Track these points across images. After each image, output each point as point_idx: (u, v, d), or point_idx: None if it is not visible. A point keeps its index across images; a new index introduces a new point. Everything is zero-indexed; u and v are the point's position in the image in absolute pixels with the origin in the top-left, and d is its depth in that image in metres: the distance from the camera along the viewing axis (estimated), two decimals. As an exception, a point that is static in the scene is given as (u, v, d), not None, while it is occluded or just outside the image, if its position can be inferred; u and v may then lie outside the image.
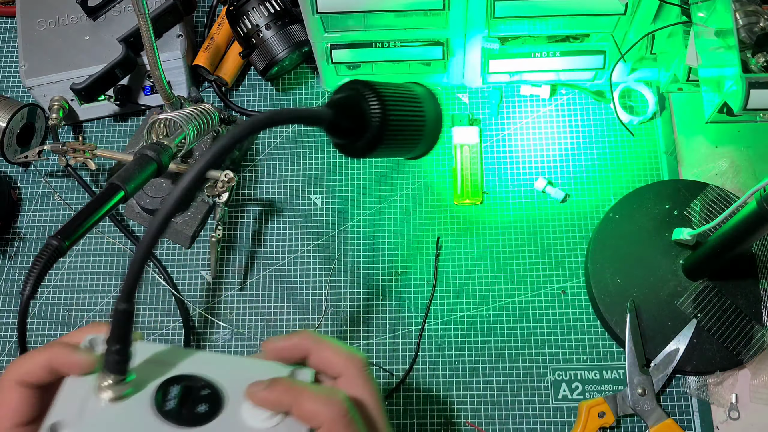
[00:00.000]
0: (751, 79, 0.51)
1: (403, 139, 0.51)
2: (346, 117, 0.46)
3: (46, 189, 0.77)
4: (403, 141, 0.51)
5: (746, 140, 0.73)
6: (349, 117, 0.46)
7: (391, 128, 0.48)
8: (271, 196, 0.75)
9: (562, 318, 0.69)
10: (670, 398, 0.65)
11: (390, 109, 0.47)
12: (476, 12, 0.65)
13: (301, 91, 0.79)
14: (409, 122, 0.51)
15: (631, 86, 0.76)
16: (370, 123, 0.46)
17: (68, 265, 0.73)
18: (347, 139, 0.48)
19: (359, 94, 0.47)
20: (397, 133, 0.50)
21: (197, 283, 0.72)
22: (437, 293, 0.70)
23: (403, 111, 0.50)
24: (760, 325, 0.65)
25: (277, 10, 0.74)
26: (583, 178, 0.73)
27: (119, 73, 0.72)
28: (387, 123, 0.47)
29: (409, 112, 0.51)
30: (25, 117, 0.76)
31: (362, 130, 0.47)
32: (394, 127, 0.48)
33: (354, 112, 0.46)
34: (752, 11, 0.54)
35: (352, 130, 0.47)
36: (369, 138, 0.47)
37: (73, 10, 0.75)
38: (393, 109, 0.48)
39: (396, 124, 0.49)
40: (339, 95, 0.47)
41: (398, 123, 0.49)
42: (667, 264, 0.67)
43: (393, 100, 0.49)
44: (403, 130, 0.50)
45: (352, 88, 0.47)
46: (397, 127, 0.49)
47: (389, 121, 0.47)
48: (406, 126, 0.50)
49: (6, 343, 0.71)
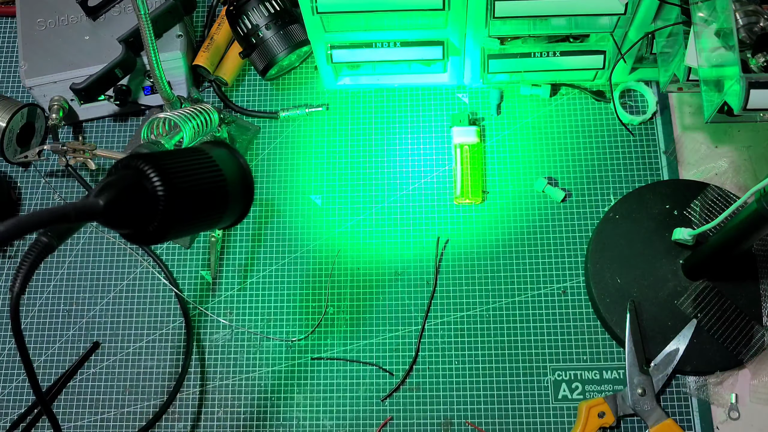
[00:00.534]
0: (751, 79, 0.51)
1: (202, 211, 0.44)
2: (125, 203, 0.39)
3: (46, 189, 0.77)
4: (203, 213, 0.44)
5: (746, 140, 0.73)
6: (130, 202, 0.39)
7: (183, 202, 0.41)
8: (271, 196, 0.75)
9: (562, 318, 0.69)
10: (670, 398, 0.65)
11: (178, 181, 0.41)
12: (476, 12, 0.65)
13: (301, 91, 0.79)
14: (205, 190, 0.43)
15: (631, 86, 0.76)
16: (157, 202, 0.39)
17: (68, 265, 0.73)
18: (133, 227, 0.41)
19: (137, 171, 0.40)
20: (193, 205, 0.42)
21: (197, 283, 0.72)
22: (437, 293, 0.70)
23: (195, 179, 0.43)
24: (760, 325, 0.65)
25: (277, 10, 0.74)
26: (583, 178, 0.73)
27: (119, 73, 0.72)
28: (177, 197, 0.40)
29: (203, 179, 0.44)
30: (25, 117, 0.76)
31: (150, 212, 0.40)
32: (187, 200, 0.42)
33: (135, 195, 0.39)
34: (752, 11, 0.54)
35: (137, 216, 0.40)
36: (159, 220, 0.40)
37: (73, 10, 0.75)
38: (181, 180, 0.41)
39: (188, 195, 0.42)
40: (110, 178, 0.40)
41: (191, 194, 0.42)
42: (667, 264, 0.67)
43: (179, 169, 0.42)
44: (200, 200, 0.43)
45: (127, 166, 0.41)
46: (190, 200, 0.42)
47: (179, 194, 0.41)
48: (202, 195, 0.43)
49: (7, 342, 0.71)
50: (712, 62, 0.56)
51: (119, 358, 0.70)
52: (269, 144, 0.77)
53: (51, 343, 0.71)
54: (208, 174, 0.44)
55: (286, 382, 0.68)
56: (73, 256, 0.74)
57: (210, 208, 0.44)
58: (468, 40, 0.69)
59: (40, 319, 0.72)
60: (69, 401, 0.69)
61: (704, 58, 0.57)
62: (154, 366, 0.70)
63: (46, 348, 0.71)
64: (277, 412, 0.67)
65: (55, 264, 0.73)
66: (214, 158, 0.45)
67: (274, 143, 0.77)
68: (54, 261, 0.74)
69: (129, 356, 0.70)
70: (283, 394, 0.67)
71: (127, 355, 0.70)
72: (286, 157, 0.76)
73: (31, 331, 0.71)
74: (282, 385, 0.68)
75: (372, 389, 0.67)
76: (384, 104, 0.78)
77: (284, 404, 0.67)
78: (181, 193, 0.41)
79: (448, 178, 0.74)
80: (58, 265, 0.73)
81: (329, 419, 0.66)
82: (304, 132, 0.77)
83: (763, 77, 0.51)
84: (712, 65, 0.56)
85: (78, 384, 0.69)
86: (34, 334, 0.71)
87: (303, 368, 0.68)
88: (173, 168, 0.41)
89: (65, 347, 0.71)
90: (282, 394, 0.67)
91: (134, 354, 0.70)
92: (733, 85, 0.52)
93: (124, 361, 0.70)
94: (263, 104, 0.79)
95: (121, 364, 0.70)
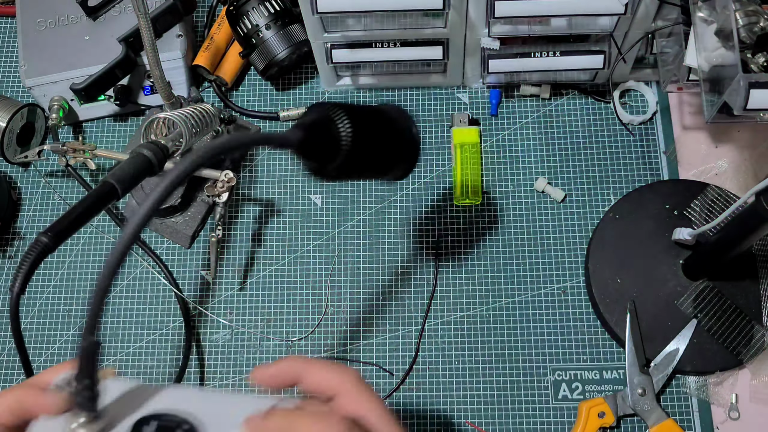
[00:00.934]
0: (751, 79, 0.51)
1: (376, 161, 0.49)
2: (316, 140, 0.44)
3: (46, 189, 0.77)
4: (376, 162, 0.49)
5: (746, 140, 0.73)
6: (319, 140, 0.44)
7: (362, 150, 0.46)
8: (271, 196, 0.75)
9: (562, 318, 0.69)
10: (670, 398, 0.65)
11: (361, 130, 0.46)
12: (476, 12, 0.65)
13: (301, 91, 0.79)
14: (381, 143, 0.49)
15: (631, 86, 0.76)
16: (341, 145, 0.45)
17: (68, 265, 0.73)
18: (318, 162, 0.45)
19: (328, 116, 0.45)
20: (370, 154, 0.48)
21: (197, 283, 0.72)
22: (437, 293, 0.70)
23: (375, 132, 0.48)
24: (760, 325, 0.65)
25: (277, 10, 0.74)
26: (583, 178, 0.73)
27: (119, 73, 0.72)
28: (358, 144, 0.45)
29: (381, 133, 0.49)
30: (25, 117, 0.76)
31: (333, 152, 0.45)
32: (366, 149, 0.47)
33: (324, 135, 0.45)
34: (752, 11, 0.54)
35: (323, 153, 0.45)
36: (340, 161, 0.45)
37: (73, 10, 0.75)
38: (364, 130, 0.46)
39: (368, 145, 0.47)
40: (308, 117, 0.45)
41: (370, 144, 0.47)
42: (667, 264, 0.67)
43: (364, 121, 0.47)
44: (376, 151, 0.48)
45: (321, 110, 0.46)
46: (369, 149, 0.47)
47: (360, 142, 0.46)
48: (378, 146, 0.49)
49: (7, 342, 0.71)
50: (712, 62, 0.56)
51: (119, 358, 0.70)
52: (269, 144, 0.77)
53: (51, 343, 0.71)
54: (385, 129, 0.50)
55: (286, 382, 0.68)
56: (73, 256, 0.74)
57: (382, 158, 0.50)
58: (468, 40, 0.69)
59: (40, 319, 0.72)
60: (69, 401, 0.69)
61: (704, 58, 0.57)
62: (154, 366, 0.70)
63: (46, 348, 0.71)
64: (277, 412, 0.67)
65: (55, 264, 0.73)
66: (392, 116, 0.50)
67: (274, 143, 0.77)
68: (54, 261, 0.74)
69: (129, 356, 0.70)
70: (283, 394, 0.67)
71: (127, 355, 0.70)
72: (287, 157, 0.76)
73: (31, 331, 0.71)
74: (282, 385, 0.67)
75: (372, 389, 0.67)
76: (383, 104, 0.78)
77: (284, 404, 0.67)
78: (362, 141, 0.46)
79: (447, 178, 0.74)
80: (58, 265, 0.73)
81: (329, 419, 0.66)
82: (304, 132, 0.77)
83: (763, 77, 0.51)
84: (712, 65, 0.56)
85: (78, 384, 0.69)
86: (34, 334, 0.71)
87: (303, 368, 0.68)
88: (358, 117, 0.46)
89: (65, 347, 0.71)
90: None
91: (134, 354, 0.70)
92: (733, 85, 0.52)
93: (124, 361, 0.70)
94: (263, 104, 0.79)
95: (121, 364, 0.70)
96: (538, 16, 0.63)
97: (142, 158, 0.55)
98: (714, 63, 0.56)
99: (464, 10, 0.65)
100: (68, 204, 0.75)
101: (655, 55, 0.71)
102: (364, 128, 0.46)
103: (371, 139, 0.48)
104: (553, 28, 0.66)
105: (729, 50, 0.54)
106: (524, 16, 0.63)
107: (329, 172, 0.46)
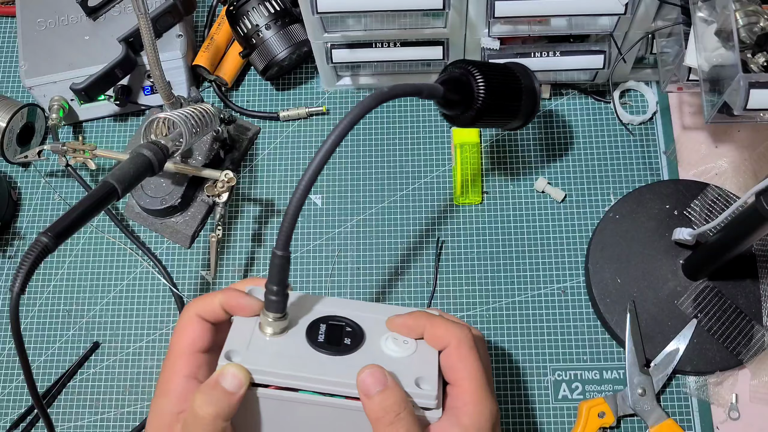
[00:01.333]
0: (751, 79, 0.51)
1: (503, 112, 0.60)
2: (456, 93, 0.55)
3: (46, 189, 0.77)
4: (503, 114, 0.60)
5: (746, 140, 0.73)
6: (458, 92, 0.55)
7: (494, 103, 0.57)
8: (271, 196, 0.75)
9: (562, 318, 0.69)
10: (670, 398, 0.65)
11: (494, 85, 0.56)
12: (476, 12, 0.65)
13: (301, 91, 0.79)
14: (509, 97, 0.59)
15: (631, 86, 0.76)
16: (477, 98, 0.56)
17: (68, 265, 0.73)
18: (455, 111, 0.57)
19: (468, 72, 0.56)
20: (499, 106, 0.58)
21: (197, 283, 0.72)
22: (437, 293, 0.70)
23: (504, 88, 0.58)
24: (760, 325, 0.65)
25: (277, 10, 0.74)
26: (583, 178, 0.73)
27: (119, 73, 0.72)
28: (491, 98, 0.56)
29: (509, 89, 0.59)
30: (25, 117, 0.76)
31: (469, 104, 0.56)
32: (497, 102, 0.57)
33: (463, 88, 0.56)
34: (752, 11, 0.54)
35: (460, 104, 0.56)
36: (475, 111, 0.56)
37: (73, 10, 0.75)
38: (496, 86, 0.56)
39: (498, 99, 0.57)
40: (449, 73, 0.56)
41: (500, 98, 0.57)
42: (667, 264, 0.67)
43: (496, 78, 0.57)
44: (504, 104, 0.59)
45: (460, 67, 0.57)
46: (499, 102, 0.57)
47: (493, 96, 0.56)
48: (506, 100, 0.59)
49: (7, 342, 0.71)
50: (712, 62, 0.56)
51: (119, 358, 0.70)
52: (269, 144, 0.77)
53: (51, 343, 0.71)
54: (513, 84, 0.60)
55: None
56: (73, 256, 0.74)
57: (510, 108, 0.60)
58: (468, 40, 0.69)
59: (40, 319, 0.72)
60: (69, 401, 0.69)
61: (704, 58, 0.57)
62: (154, 366, 0.70)
63: (46, 348, 0.71)
64: (277, 412, 0.67)
65: (55, 264, 0.73)
66: (517, 73, 0.61)
67: (274, 143, 0.77)
68: (54, 261, 0.74)
69: (129, 356, 0.70)
70: (283, 394, 0.67)
71: (127, 355, 0.70)
72: (286, 157, 0.76)
73: (31, 331, 0.71)
74: (282, 385, 0.67)
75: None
76: (384, 104, 0.77)
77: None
78: (493, 93, 0.57)
79: (447, 178, 0.74)
80: (58, 265, 0.73)
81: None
82: (304, 132, 0.77)
83: (763, 77, 0.51)
84: (712, 65, 0.56)
85: (78, 384, 0.69)
86: (34, 334, 0.71)
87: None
88: (492, 75, 0.57)
89: (65, 347, 0.71)
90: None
91: (134, 354, 0.70)
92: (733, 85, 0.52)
93: (124, 361, 0.70)
94: (263, 104, 0.79)
95: (121, 364, 0.70)
96: (538, 16, 0.63)
97: (142, 158, 0.55)
98: (714, 63, 0.56)
99: (464, 10, 0.65)
100: (68, 204, 0.75)
101: (655, 55, 0.71)
102: (496, 83, 0.56)
103: (501, 93, 0.58)
104: (553, 28, 0.66)
105: (729, 50, 0.54)
106: (524, 16, 0.63)
107: (464, 119, 0.57)
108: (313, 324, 0.47)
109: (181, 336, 0.48)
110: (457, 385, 0.46)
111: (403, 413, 0.43)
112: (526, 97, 0.60)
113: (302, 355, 0.45)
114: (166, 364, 0.49)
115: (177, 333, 0.49)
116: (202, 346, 0.48)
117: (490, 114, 0.57)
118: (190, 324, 0.48)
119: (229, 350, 0.45)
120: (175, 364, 0.48)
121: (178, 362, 0.48)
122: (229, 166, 0.74)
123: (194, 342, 0.48)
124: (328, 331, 0.47)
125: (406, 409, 0.43)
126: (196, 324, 0.48)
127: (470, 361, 0.46)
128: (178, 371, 0.47)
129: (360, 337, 0.47)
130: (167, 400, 0.46)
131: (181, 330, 0.48)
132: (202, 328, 0.48)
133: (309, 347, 0.46)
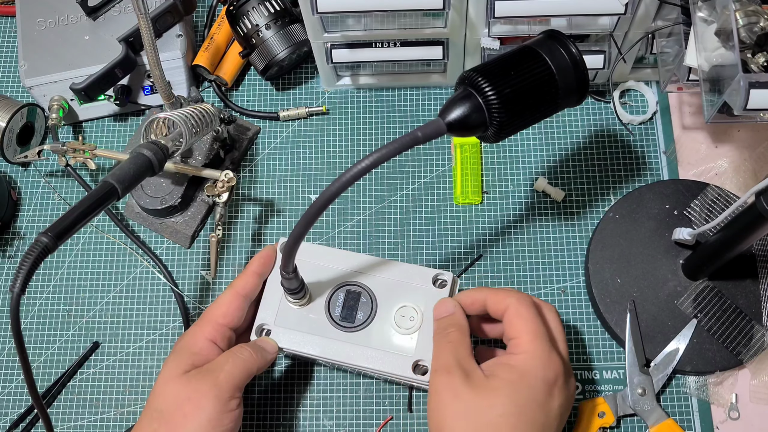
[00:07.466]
0: (751, 79, 0.51)
1: (537, 108, 0.49)
2: (465, 117, 0.46)
3: (46, 189, 0.77)
4: (538, 109, 0.49)
5: (746, 140, 0.73)
6: (469, 115, 0.46)
7: (516, 108, 0.47)
8: (271, 196, 0.75)
9: (562, 318, 0.69)
10: (670, 398, 0.65)
11: (508, 91, 0.46)
12: (476, 12, 0.65)
13: (301, 91, 0.79)
14: (534, 91, 0.48)
15: (631, 86, 0.76)
16: (492, 111, 0.46)
17: (68, 265, 0.73)
18: (476, 133, 0.48)
19: (473, 86, 0.47)
20: (526, 106, 0.48)
21: (197, 283, 0.72)
22: (437, 293, 0.70)
23: (522, 82, 0.47)
24: (760, 325, 0.65)
25: (277, 10, 0.74)
26: (583, 178, 0.73)
27: (119, 72, 0.72)
28: (509, 105, 0.46)
29: (532, 83, 0.48)
30: (24, 117, 0.76)
31: (486, 120, 0.47)
32: (519, 105, 0.47)
33: (473, 109, 0.46)
34: (752, 11, 0.54)
35: (477, 125, 0.47)
36: (497, 127, 0.47)
37: (73, 10, 0.75)
38: (512, 89, 0.46)
39: (519, 101, 0.47)
40: (455, 96, 0.47)
41: (522, 98, 0.47)
42: (667, 264, 0.67)
43: (509, 79, 0.47)
44: (530, 102, 0.48)
45: (461, 80, 0.48)
46: (523, 102, 0.47)
47: (510, 102, 0.46)
48: (531, 97, 0.48)
49: (6, 342, 0.71)
50: (712, 62, 0.56)
51: (119, 358, 0.70)
52: (269, 144, 0.77)
53: (51, 343, 0.71)
54: (536, 75, 0.48)
55: (286, 382, 0.68)
56: (73, 256, 0.74)
57: (544, 99, 0.49)
58: (468, 40, 0.69)
59: (40, 319, 0.72)
60: (69, 401, 0.69)
61: (704, 58, 0.57)
62: (154, 366, 0.70)
63: (46, 348, 0.71)
64: (277, 412, 0.67)
65: (55, 264, 0.73)
66: (543, 55, 0.48)
67: (274, 143, 0.77)
68: (54, 261, 0.74)
69: (129, 356, 0.70)
70: (283, 394, 0.67)
71: (127, 355, 0.70)
72: (286, 157, 0.76)
73: (31, 330, 0.71)
74: (282, 385, 0.68)
75: (372, 389, 0.67)
76: (384, 104, 0.78)
77: (284, 404, 0.67)
78: (512, 101, 0.46)
79: (447, 178, 0.74)
80: (58, 265, 0.73)
81: (329, 419, 0.66)
82: (304, 132, 0.77)
83: (763, 77, 0.51)
84: (712, 65, 0.56)
85: (78, 384, 0.69)
86: (34, 334, 0.71)
87: (303, 368, 0.68)
88: (504, 79, 0.46)
89: (65, 347, 0.71)
90: (282, 394, 0.67)
91: (134, 354, 0.70)
92: (733, 85, 0.52)
93: (124, 361, 0.70)
94: (263, 104, 0.79)
95: (121, 364, 0.70)
96: (538, 16, 0.63)
97: (142, 158, 0.55)
98: (714, 63, 0.56)
99: (464, 10, 0.65)
100: (68, 204, 0.75)
101: (655, 55, 0.71)
102: (512, 85, 0.46)
103: (521, 91, 0.47)
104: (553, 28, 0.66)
105: (729, 50, 0.54)
106: (524, 16, 0.63)
107: (491, 138, 0.48)
108: (332, 293, 0.59)
109: (218, 306, 0.57)
110: (516, 338, 0.52)
111: (452, 329, 0.55)
112: (562, 76, 0.48)
113: (321, 329, 0.58)
114: (193, 328, 0.56)
115: (214, 304, 0.58)
116: (231, 320, 0.56)
117: (520, 118, 0.48)
118: (228, 298, 0.57)
119: (261, 324, 0.59)
120: (203, 328, 0.56)
121: (207, 327, 0.56)
122: (229, 166, 0.74)
123: (226, 314, 0.56)
124: (345, 302, 0.59)
125: (455, 326, 0.55)
126: (233, 299, 0.57)
127: (528, 317, 0.52)
128: (203, 333, 0.56)
129: (373, 310, 0.59)
130: (184, 354, 0.55)
131: (219, 301, 0.57)
132: (238, 306, 0.57)
133: (328, 323, 0.58)
